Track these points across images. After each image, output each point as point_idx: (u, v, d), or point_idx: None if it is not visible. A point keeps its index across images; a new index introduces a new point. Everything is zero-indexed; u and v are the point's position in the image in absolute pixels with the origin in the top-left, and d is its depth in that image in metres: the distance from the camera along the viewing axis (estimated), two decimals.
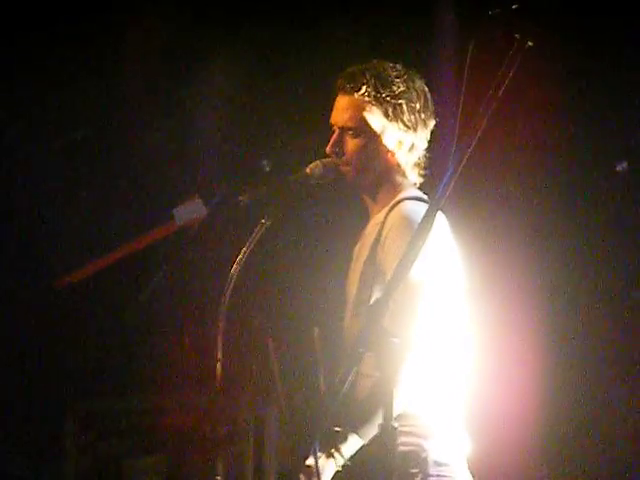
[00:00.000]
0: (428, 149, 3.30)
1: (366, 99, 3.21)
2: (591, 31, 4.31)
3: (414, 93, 3.24)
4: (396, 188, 3.25)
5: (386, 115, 3.21)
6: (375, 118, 3.22)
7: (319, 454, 2.95)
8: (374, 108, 3.21)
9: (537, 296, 4.53)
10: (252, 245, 3.27)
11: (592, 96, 4.48)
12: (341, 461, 2.98)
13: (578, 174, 4.56)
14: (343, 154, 3.26)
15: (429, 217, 2.45)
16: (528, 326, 4.49)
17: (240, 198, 3.32)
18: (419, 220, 2.52)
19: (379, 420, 2.85)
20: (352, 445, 2.99)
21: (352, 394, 3.01)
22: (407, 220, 3.08)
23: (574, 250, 4.54)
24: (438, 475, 3.07)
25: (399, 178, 3.27)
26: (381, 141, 3.23)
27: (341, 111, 3.25)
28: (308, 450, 2.92)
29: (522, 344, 4.46)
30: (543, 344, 4.50)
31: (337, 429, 2.97)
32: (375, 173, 3.26)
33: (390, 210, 3.17)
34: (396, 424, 2.41)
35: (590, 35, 4.32)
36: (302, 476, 2.98)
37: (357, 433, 2.98)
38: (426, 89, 3.27)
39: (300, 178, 3.30)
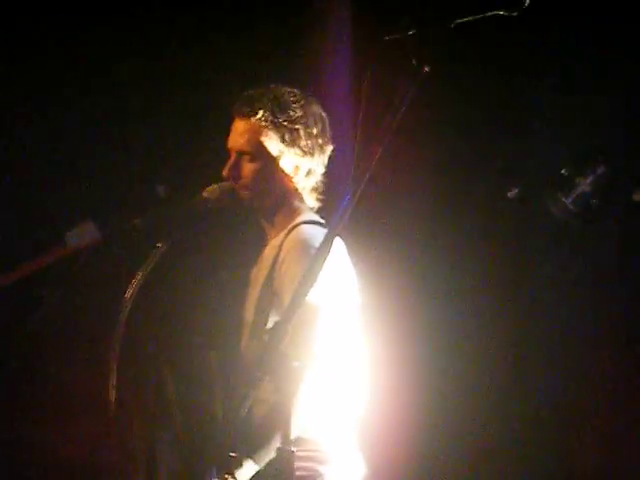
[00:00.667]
0: (325, 174, 3.33)
1: (263, 123, 3.23)
2: (488, 57, 4.40)
3: (311, 118, 3.26)
4: (293, 212, 3.27)
5: (283, 140, 3.23)
6: (272, 143, 3.23)
7: None
8: (271, 133, 3.23)
9: (434, 317, 4.58)
10: (148, 270, 3.25)
11: (486, 122, 4.56)
12: None
13: (471, 199, 4.63)
14: (240, 178, 3.27)
15: (326, 242, 2.47)
16: (424, 346, 4.53)
17: (135, 221, 3.30)
18: (316, 244, 2.55)
19: (274, 445, 2.87)
20: (247, 470, 2.98)
21: (248, 419, 3.00)
22: (304, 244, 3.10)
23: (470, 271, 4.61)
24: None
25: (296, 202, 3.29)
26: (277, 165, 3.25)
27: (238, 135, 3.26)
28: (205, 476, 2.89)
29: (419, 365, 4.50)
30: (440, 362, 4.55)
31: (232, 454, 2.96)
32: (272, 197, 3.28)
33: (287, 234, 3.18)
34: (294, 448, 2.41)
35: (487, 62, 4.42)
36: None
37: (252, 458, 2.98)
38: (324, 114, 3.30)
39: (197, 202, 3.30)
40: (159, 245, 3.25)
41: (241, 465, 2.97)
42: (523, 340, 4.65)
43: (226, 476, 2.94)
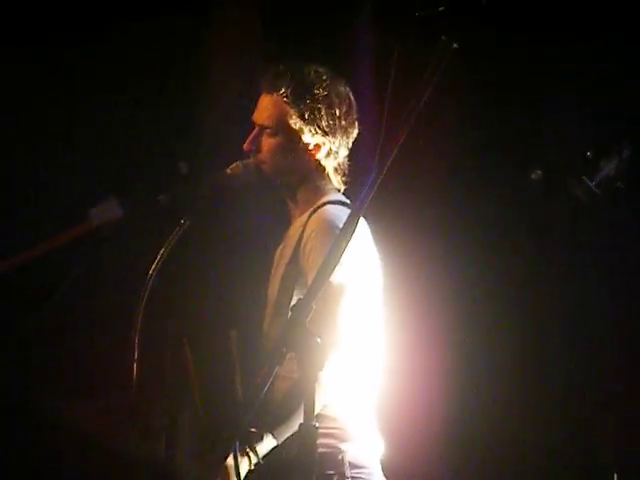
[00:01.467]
0: (350, 156, 3.32)
1: (285, 99, 3.24)
2: (516, 36, 4.38)
3: (335, 98, 3.26)
4: (318, 192, 3.27)
5: (303, 117, 3.23)
6: (292, 119, 3.24)
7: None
8: (292, 109, 3.23)
9: (450, 297, 4.58)
10: (170, 246, 3.25)
11: (511, 104, 4.55)
12: (255, 460, 2.98)
13: (493, 181, 4.62)
14: (259, 152, 3.27)
15: (351, 222, 2.47)
16: (442, 328, 4.53)
17: (159, 198, 3.31)
18: (340, 224, 2.55)
19: (296, 421, 2.89)
20: (267, 445, 3.00)
21: (269, 395, 3.01)
22: (329, 224, 3.10)
23: (489, 254, 4.60)
24: (354, 477, 3.10)
25: (321, 182, 3.29)
26: (297, 143, 3.25)
27: (261, 109, 3.28)
28: (226, 451, 2.90)
29: (435, 345, 4.51)
30: (455, 345, 4.55)
31: (253, 430, 2.98)
32: (293, 175, 3.28)
33: (312, 213, 3.19)
34: (317, 424, 2.42)
35: (514, 41, 4.40)
36: (219, 476, 2.98)
37: (272, 433, 2.99)
38: (351, 96, 3.30)
39: (220, 179, 3.30)
40: (182, 221, 3.26)
41: (261, 439, 2.98)
42: (543, 331, 4.64)
43: (247, 450, 2.96)
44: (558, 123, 4.58)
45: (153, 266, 3.25)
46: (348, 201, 3.25)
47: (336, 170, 3.32)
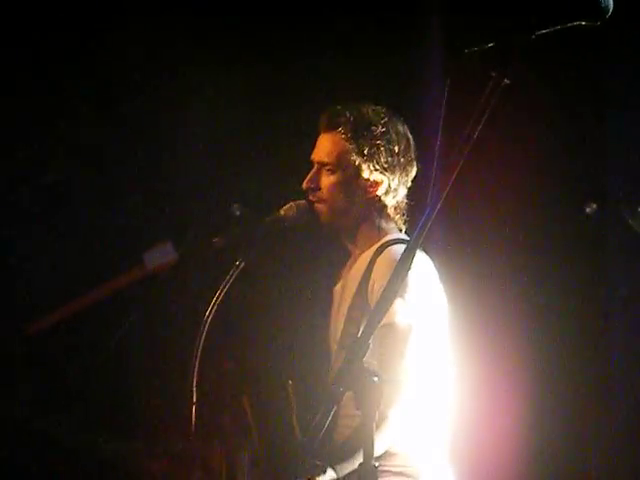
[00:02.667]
0: (410, 195, 3.33)
1: (344, 137, 3.26)
2: (567, 70, 4.37)
3: (394, 136, 3.28)
4: (379, 231, 3.28)
5: (362, 154, 3.25)
6: (352, 156, 3.26)
7: None
8: (351, 146, 3.26)
9: (517, 333, 4.54)
10: (226, 288, 3.27)
11: (564, 136, 4.53)
12: None
13: (549, 215, 4.60)
14: (318, 189, 3.29)
15: (408, 255, 2.46)
16: (512, 361, 4.50)
17: (215, 240, 3.33)
18: None
19: (358, 458, 2.88)
20: (328, 477, 2.99)
21: (330, 434, 3.01)
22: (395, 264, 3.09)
23: (554, 292, 4.56)
24: None
25: (380, 221, 3.29)
26: (356, 179, 3.27)
27: (320, 147, 3.31)
28: None
29: (508, 379, 4.47)
30: (528, 377, 4.51)
31: (317, 462, 2.97)
32: (352, 213, 3.29)
33: (378, 251, 3.18)
34: (377, 463, 2.41)
35: (566, 73, 4.39)
36: None
37: (334, 467, 2.98)
38: (409, 134, 3.31)
39: (274, 220, 3.32)
40: (237, 263, 3.27)
41: (324, 472, 2.97)
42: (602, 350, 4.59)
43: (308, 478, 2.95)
44: (616, 153, 4.56)
45: (209, 309, 3.26)
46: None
47: (395, 209, 3.32)
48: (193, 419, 3.26)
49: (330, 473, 2.98)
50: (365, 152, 3.23)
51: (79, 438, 4.27)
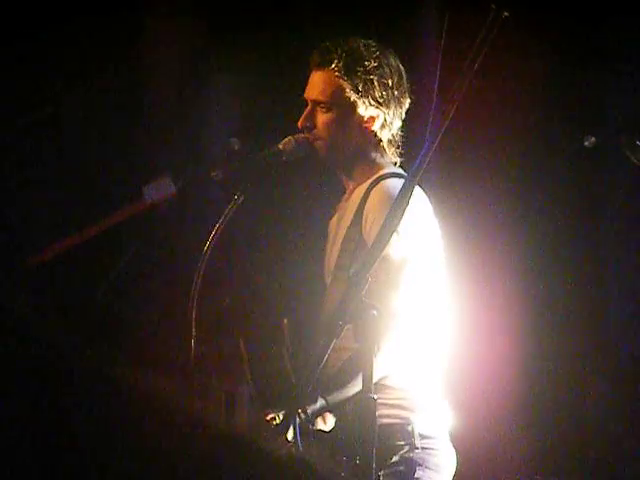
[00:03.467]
0: (404, 128, 3.32)
1: (337, 74, 3.23)
2: (567, 3, 4.34)
3: (387, 69, 3.25)
4: (374, 165, 3.27)
5: (357, 90, 3.23)
6: (346, 92, 3.24)
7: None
8: (345, 83, 3.23)
9: (516, 269, 4.56)
10: (225, 222, 3.27)
11: (562, 70, 4.51)
12: (304, 419, 2.99)
13: (548, 148, 4.59)
14: (314, 128, 3.28)
15: (405, 194, 2.47)
16: (508, 299, 4.52)
17: (213, 174, 3.33)
18: None
19: (350, 389, 2.93)
20: (318, 407, 3.02)
21: (325, 366, 3.03)
22: (391, 196, 3.09)
23: (551, 227, 4.58)
24: (424, 447, 3.12)
25: (376, 155, 3.29)
26: (352, 116, 3.25)
27: (313, 85, 3.28)
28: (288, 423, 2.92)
29: (502, 316, 4.49)
30: (523, 315, 4.54)
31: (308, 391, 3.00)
32: (348, 148, 3.28)
33: (372, 186, 3.19)
34: (375, 396, 2.43)
35: (567, 7, 4.36)
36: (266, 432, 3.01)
37: (325, 397, 3.01)
38: (401, 67, 3.29)
39: (272, 154, 3.32)
40: (236, 197, 3.27)
41: (314, 402, 3.00)
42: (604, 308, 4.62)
43: (299, 410, 2.98)
44: (615, 87, 4.54)
45: (208, 242, 3.26)
46: (406, 174, 3.24)
47: (390, 142, 3.31)
48: (192, 353, 3.27)
49: (321, 402, 3.01)
50: (359, 88, 3.22)
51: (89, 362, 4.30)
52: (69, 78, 4.60)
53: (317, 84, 3.26)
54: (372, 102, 3.24)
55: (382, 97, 3.24)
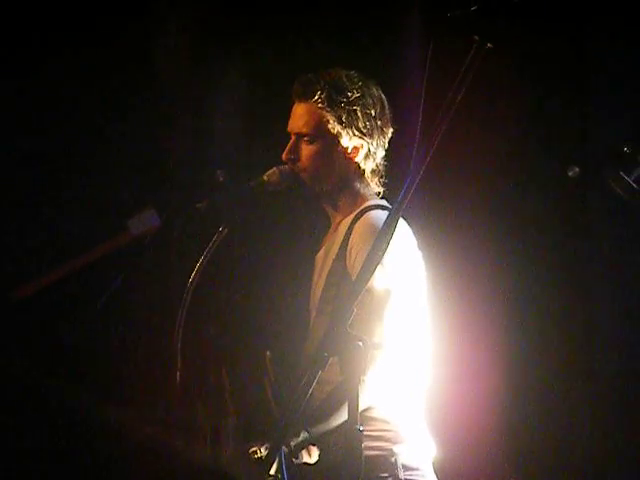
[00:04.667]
0: (387, 158, 3.33)
1: (320, 105, 3.25)
2: (550, 34, 4.36)
3: (369, 99, 3.26)
4: (358, 196, 3.28)
5: (340, 121, 3.24)
6: (329, 124, 3.25)
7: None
8: (328, 114, 3.24)
9: (500, 296, 4.56)
10: (210, 254, 3.27)
11: (546, 100, 4.53)
12: (287, 453, 2.97)
13: (531, 178, 4.60)
14: (298, 160, 3.28)
15: (389, 225, 2.47)
16: (492, 327, 4.52)
17: (198, 206, 3.32)
18: None
19: (333, 421, 2.93)
20: (301, 440, 3.00)
21: (310, 398, 3.02)
22: (375, 228, 3.09)
23: (534, 252, 4.58)
24: (407, 479, 3.10)
25: (360, 186, 3.29)
26: (336, 147, 3.26)
27: (296, 118, 3.29)
28: (271, 457, 2.90)
29: (486, 344, 4.49)
30: (508, 343, 4.53)
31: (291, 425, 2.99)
32: (332, 180, 3.28)
33: (357, 218, 3.19)
34: (362, 427, 2.42)
35: (549, 38, 4.38)
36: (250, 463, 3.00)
37: (307, 430, 3.00)
38: (383, 96, 3.30)
39: (257, 185, 3.32)
40: (220, 229, 3.27)
41: (297, 436, 2.98)
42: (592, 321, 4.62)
43: (282, 445, 2.96)
44: (598, 118, 4.56)
45: (193, 274, 3.26)
46: (390, 206, 3.25)
47: (374, 172, 3.32)
48: (177, 384, 3.26)
49: (304, 435, 3.00)
50: (343, 119, 3.23)
51: (71, 401, 4.29)
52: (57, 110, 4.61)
53: (300, 116, 3.27)
54: (356, 133, 3.25)
55: (366, 127, 3.25)
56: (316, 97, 3.24)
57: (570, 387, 4.56)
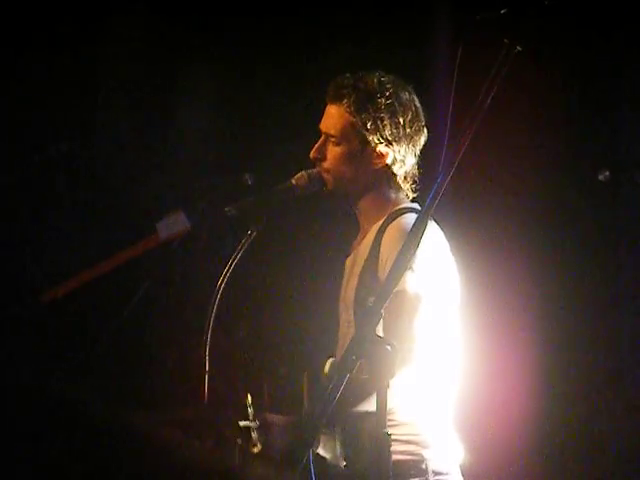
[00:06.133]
0: (419, 164, 3.31)
1: (348, 109, 3.25)
2: (581, 37, 4.35)
3: (399, 107, 3.25)
4: (389, 202, 3.27)
5: (366, 127, 3.23)
6: (355, 129, 3.25)
7: None
8: (355, 119, 3.24)
9: (530, 303, 4.54)
10: (238, 257, 3.27)
11: (578, 103, 4.51)
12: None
13: (562, 182, 4.58)
14: (324, 159, 3.29)
15: (418, 228, 2.46)
16: (522, 332, 4.50)
17: (227, 209, 3.32)
18: None
19: (353, 420, 2.92)
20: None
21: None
22: (406, 232, 3.07)
23: (564, 256, 4.56)
24: None
25: (390, 192, 3.28)
26: (361, 152, 3.26)
27: (327, 118, 3.30)
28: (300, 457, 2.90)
29: (516, 350, 4.47)
30: (537, 350, 4.52)
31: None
32: (357, 184, 3.28)
33: (388, 222, 3.18)
34: (389, 431, 2.42)
35: (580, 41, 4.36)
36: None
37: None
38: (417, 103, 3.28)
39: (285, 189, 3.32)
40: (249, 232, 3.27)
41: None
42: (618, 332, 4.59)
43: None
44: (630, 122, 4.53)
45: (221, 278, 3.26)
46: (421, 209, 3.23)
47: (405, 178, 3.31)
48: (205, 387, 3.26)
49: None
50: (369, 125, 3.22)
51: (94, 405, 4.30)
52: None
53: (329, 117, 3.28)
54: (382, 140, 3.23)
55: (392, 135, 3.24)
56: (345, 101, 3.25)
57: (598, 393, 4.54)
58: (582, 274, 4.56)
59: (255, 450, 3.09)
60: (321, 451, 3.03)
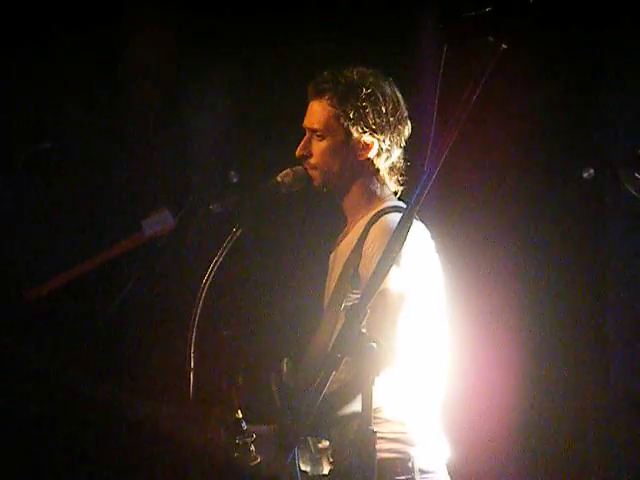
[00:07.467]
0: (405, 156, 3.32)
1: (330, 102, 3.26)
2: (566, 35, 4.35)
3: (380, 97, 3.26)
4: (374, 197, 3.27)
5: (348, 117, 3.24)
6: (339, 120, 3.26)
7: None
8: (337, 111, 3.26)
9: (516, 300, 4.55)
10: (223, 255, 3.27)
11: (562, 101, 4.52)
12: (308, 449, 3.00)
13: (546, 180, 4.59)
14: (310, 156, 3.29)
15: (404, 223, 2.47)
16: (508, 330, 4.51)
17: (211, 207, 3.32)
18: None
19: (337, 419, 2.92)
20: (323, 448, 3.01)
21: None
22: (390, 232, 3.06)
23: (549, 253, 4.58)
24: None
25: (375, 186, 3.29)
26: (346, 144, 3.27)
27: (310, 114, 3.32)
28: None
29: (502, 348, 4.48)
30: (524, 347, 4.53)
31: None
32: (344, 178, 3.28)
33: (373, 219, 3.18)
34: (375, 428, 2.42)
35: (565, 39, 4.37)
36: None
37: (330, 439, 3.00)
38: (398, 94, 3.30)
39: (271, 186, 3.32)
40: (234, 230, 3.27)
41: (319, 442, 3.00)
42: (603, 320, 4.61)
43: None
44: (614, 119, 4.54)
45: (207, 275, 3.26)
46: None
47: (391, 170, 3.31)
48: (191, 385, 3.26)
49: (325, 443, 3.01)
50: (351, 115, 3.23)
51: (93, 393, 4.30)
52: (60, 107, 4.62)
53: (312, 113, 3.29)
54: (365, 129, 3.24)
55: (375, 124, 3.25)
56: (326, 95, 3.26)
57: (585, 390, 4.55)
58: (568, 271, 4.57)
59: (255, 463, 3.10)
60: (302, 466, 3.04)
